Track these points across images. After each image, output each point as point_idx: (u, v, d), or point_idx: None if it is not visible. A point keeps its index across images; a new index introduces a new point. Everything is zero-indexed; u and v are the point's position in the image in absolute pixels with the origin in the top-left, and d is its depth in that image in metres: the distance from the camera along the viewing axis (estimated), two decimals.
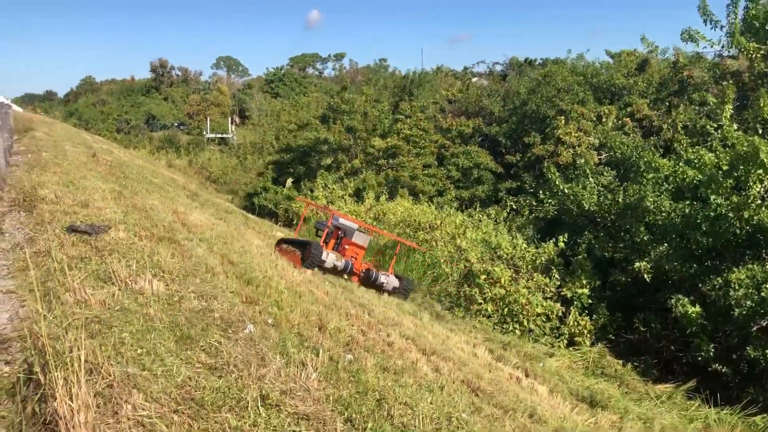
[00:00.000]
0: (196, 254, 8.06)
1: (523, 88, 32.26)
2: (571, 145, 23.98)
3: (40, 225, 7.85)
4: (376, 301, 10.11)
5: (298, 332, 6.35)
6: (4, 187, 10.16)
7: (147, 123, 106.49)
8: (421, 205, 20.03)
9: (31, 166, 12.79)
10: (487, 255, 15.06)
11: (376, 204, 18.45)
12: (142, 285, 6.13)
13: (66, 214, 8.32)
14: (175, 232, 9.01)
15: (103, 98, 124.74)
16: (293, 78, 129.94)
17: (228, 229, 11.65)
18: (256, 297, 6.96)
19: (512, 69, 48.38)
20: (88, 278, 5.98)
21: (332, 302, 8.47)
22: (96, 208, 9.11)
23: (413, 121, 26.57)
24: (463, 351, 9.55)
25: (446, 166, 26.66)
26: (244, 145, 50.35)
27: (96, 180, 12.17)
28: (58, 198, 9.13)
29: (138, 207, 10.08)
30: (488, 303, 13.30)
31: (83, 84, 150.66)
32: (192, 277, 6.90)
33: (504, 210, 21.27)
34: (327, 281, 10.29)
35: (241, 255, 9.24)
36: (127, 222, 8.53)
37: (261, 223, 17.68)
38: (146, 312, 5.46)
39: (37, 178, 10.87)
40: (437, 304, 13.21)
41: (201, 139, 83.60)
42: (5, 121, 16.63)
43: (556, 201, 18.24)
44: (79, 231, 7.70)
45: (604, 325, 15.84)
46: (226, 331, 5.62)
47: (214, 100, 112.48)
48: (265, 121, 58.52)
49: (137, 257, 7.00)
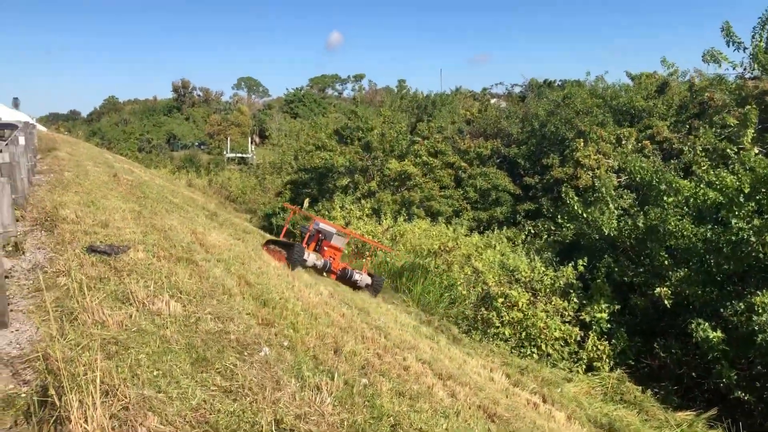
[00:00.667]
0: (213, 275, 8.10)
1: (542, 109, 32.23)
2: (591, 167, 23.83)
3: (60, 245, 7.94)
4: (392, 324, 10.06)
5: (314, 355, 6.34)
6: (26, 207, 10.31)
7: (168, 142, 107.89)
8: (438, 226, 20.00)
9: (54, 185, 12.97)
10: (505, 278, 14.94)
11: (394, 225, 18.46)
12: (160, 306, 6.16)
13: (86, 234, 8.42)
14: (193, 253, 9.07)
15: (125, 118, 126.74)
16: (312, 99, 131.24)
17: (246, 249, 11.69)
18: (272, 319, 6.96)
19: (531, 90, 48.42)
20: (107, 299, 6.03)
21: (348, 325, 8.44)
22: (116, 228, 9.21)
23: (430, 142, 26.58)
24: (480, 375, 9.45)
25: (464, 187, 26.60)
26: (263, 165, 50.73)
27: (116, 200, 12.31)
28: (79, 218, 9.24)
29: (157, 227, 10.16)
30: (506, 326, 13.16)
31: (106, 104, 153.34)
32: (209, 299, 6.92)
33: (522, 233, 21.14)
34: (344, 303, 10.26)
35: (258, 276, 9.26)
36: (146, 242, 8.61)
37: None
38: (163, 333, 5.48)
39: (59, 198, 11.01)
40: (454, 327, 13.11)
41: (221, 159, 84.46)
42: (30, 141, 16.94)
43: (574, 225, 18.09)
44: (98, 251, 7.78)
45: (623, 350, 15.58)
46: (241, 354, 5.62)
47: (235, 120, 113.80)
48: (284, 141, 59.01)
49: (155, 278, 7.04)
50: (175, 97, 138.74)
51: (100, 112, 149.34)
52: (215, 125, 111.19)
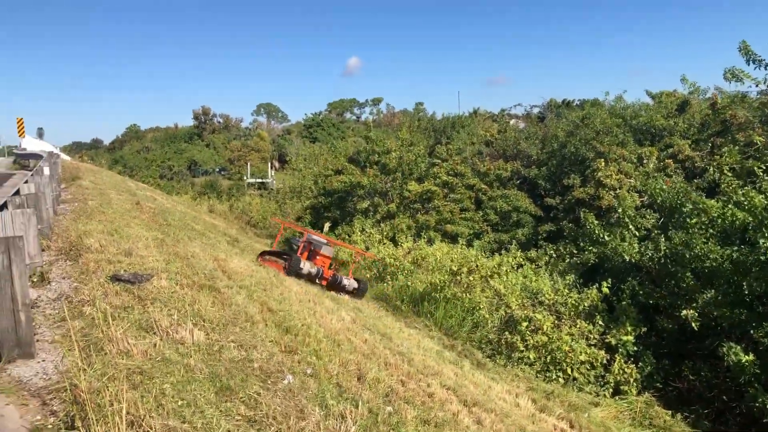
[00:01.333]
0: (235, 302, 8.11)
1: (561, 130, 32.15)
2: (612, 187, 23.63)
3: (85, 274, 8.01)
4: (415, 349, 9.96)
5: (337, 383, 6.29)
6: (51, 237, 10.44)
7: (189, 169, 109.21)
8: (458, 248, 19.89)
9: (78, 214, 13.13)
10: (528, 301, 14.77)
11: (415, 248, 18.41)
12: (183, 335, 6.17)
13: (110, 263, 8.48)
14: (215, 280, 9.09)
15: (147, 145, 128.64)
16: (331, 123, 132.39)
17: (267, 275, 11.70)
18: (295, 346, 6.93)
19: (550, 111, 48.34)
20: (131, 328, 6.05)
21: (371, 351, 8.38)
22: (139, 256, 9.28)
23: (450, 165, 26.56)
24: (506, 401, 9.30)
25: (484, 209, 26.48)
26: (283, 190, 51.06)
27: (139, 228, 12.43)
28: (103, 247, 9.32)
29: (180, 255, 10.22)
30: (530, 350, 12.97)
31: (128, 132, 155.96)
32: (232, 326, 6.92)
33: (545, 255, 20.94)
34: (366, 329, 10.20)
35: (280, 302, 9.25)
36: (169, 270, 8.65)
37: None
38: (187, 362, 5.47)
39: (83, 227, 11.14)
40: (478, 352, 12.95)
41: (241, 184, 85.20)
42: (54, 170, 17.25)
43: (596, 249, 17.88)
44: (122, 280, 7.84)
45: (650, 373, 15.26)
46: (265, 382, 5.60)
47: (255, 145, 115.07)
48: (302, 165, 59.44)
49: (178, 306, 7.07)
50: (195, 124, 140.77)
51: (122, 140, 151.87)
52: (235, 151, 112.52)
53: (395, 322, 12.97)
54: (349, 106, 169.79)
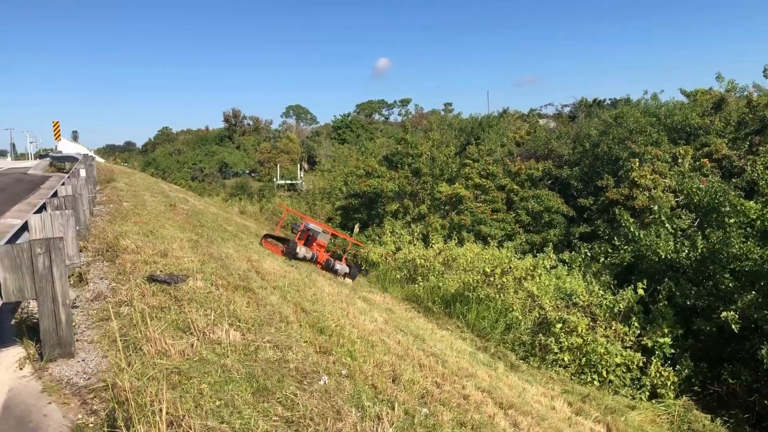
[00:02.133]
0: (270, 303, 8.14)
1: (593, 129, 31.67)
2: (647, 187, 23.15)
3: (122, 275, 8.11)
4: (448, 351, 9.89)
5: (372, 384, 6.25)
6: (88, 238, 10.60)
7: (220, 171, 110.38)
8: (490, 249, 19.70)
9: (113, 216, 13.33)
10: (562, 302, 14.56)
11: (446, 249, 18.28)
12: (220, 335, 6.20)
13: (146, 264, 8.58)
14: (249, 281, 9.14)
15: (179, 148, 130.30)
16: (360, 124, 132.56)
17: (300, 276, 11.74)
18: (329, 347, 6.91)
19: (580, 110, 47.67)
20: (168, 328, 6.10)
21: (404, 352, 8.33)
22: (174, 257, 9.37)
23: (481, 165, 26.30)
24: (541, 404, 9.17)
25: (516, 210, 26.14)
26: (313, 191, 51.25)
27: (174, 229, 12.56)
28: (139, 248, 9.43)
29: (214, 256, 10.30)
30: (565, 352, 12.76)
31: (160, 134, 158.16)
32: (267, 327, 6.94)
33: (578, 255, 20.61)
34: (398, 330, 10.15)
35: (314, 303, 9.26)
36: (204, 271, 8.72)
37: None
38: (224, 362, 5.49)
39: (119, 228, 11.30)
40: (511, 354, 12.80)
41: (271, 186, 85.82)
42: (90, 173, 17.54)
43: (631, 248, 17.53)
44: (158, 280, 7.92)
45: (688, 376, 14.92)
46: (301, 383, 5.58)
47: (284, 147, 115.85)
48: (332, 166, 59.62)
49: (214, 306, 7.11)
50: (226, 127, 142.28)
51: (154, 142, 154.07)
52: (265, 153, 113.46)
53: (427, 323, 12.90)
54: (378, 108, 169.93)
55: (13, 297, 5.49)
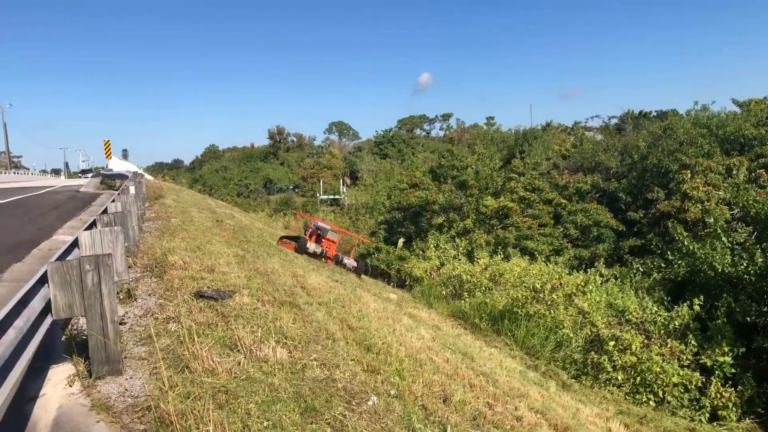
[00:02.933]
0: (316, 319, 8.03)
1: (642, 141, 30.86)
2: (699, 200, 22.33)
3: (169, 291, 8.11)
4: (498, 369, 9.60)
5: (422, 405, 6.05)
6: (137, 254, 10.70)
7: (265, 186, 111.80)
8: (537, 264, 19.26)
9: (162, 232, 13.47)
10: (614, 319, 14.05)
11: (492, 264, 17.92)
12: (267, 352, 6.10)
13: (194, 280, 8.58)
14: (295, 296, 9.06)
15: (225, 165, 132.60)
16: (401, 139, 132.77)
17: (345, 291, 11.62)
18: (377, 365, 6.74)
19: (626, 122, 46.61)
20: (215, 345, 6.03)
21: (454, 371, 8.09)
22: (221, 273, 9.36)
23: (527, 179, 25.78)
24: (597, 425, 8.80)
25: (563, 224, 25.47)
26: (356, 206, 51.31)
27: (221, 245, 12.62)
28: (186, 264, 9.46)
29: (260, 271, 10.27)
30: (618, 371, 12.27)
31: (207, 152, 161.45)
32: (314, 344, 6.81)
33: (630, 270, 19.93)
34: (446, 347, 9.92)
35: (359, 319, 9.12)
36: (250, 287, 8.67)
37: (374, 284, 17.64)
38: (271, 381, 5.38)
39: (167, 244, 11.38)
40: (562, 372, 12.38)
41: (314, 201, 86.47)
42: (139, 190, 17.84)
43: (686, 262, 16.84)
44: (206, 297, 7.89)
45: (751, 397, 14.15)
46: (349, 403, 5.43)
47: (327, 163, 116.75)
48: (374, 181, 59.69)
49: (260, 323, 7.03)
50: (270, 143, 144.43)
51: (201, 159, 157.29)
52: (308, 169, 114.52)
53: (475, 340, 12.61)
54: (419, 123, 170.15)
55: (63, 314, 5.48)
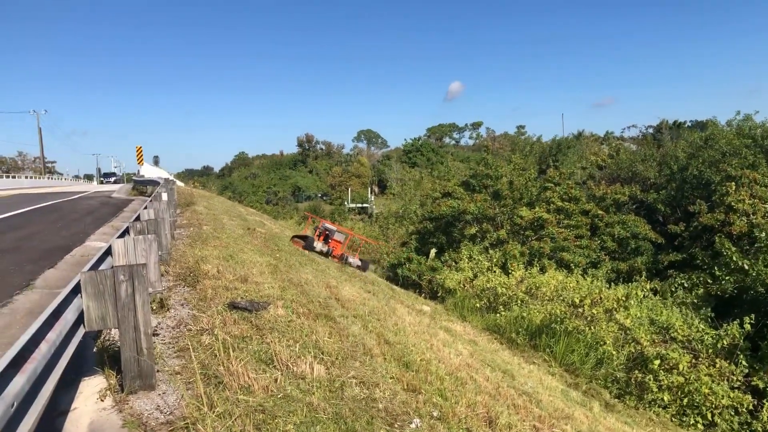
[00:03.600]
0: (352, 333, 7.75)
1: (681, 152, 30.02)
2: (745, 213, 21.53)
3: (203, 301, 7.91)
4: (540, 389, 9.19)
5: (467, 428, 5.72)
6: (169, 262, 10.54)
7: (293, 194, 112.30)
8: (573, 277, 18.73)
9: (194, 239, 13.34)
10: (658, 336, 13.48)
11: (527, 276, 17.43)
12: (304, 368, 5.83)
13: (227, 290, 8.37)
14: (330, 309, 8.80)
15: (254, 172, 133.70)
16: (430, 148, 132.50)
17: (379, 303, 11.32)
18: (417, 384, 6.43)
19: (661, 132, 45.62)
20: (251, 360, 5.78)
21: (496, 391, 7.73)
22: (254, 282, 9.14)
23: (563, 189, 25.10)
24: None
25: (600, 236, 24.73)
26: (386, 215, 50.99)
27: (253, 253, 12.43)
28: (220, 273, 9.26)
29: (294, 282, 10.03)
30: (664, 392, 11.72)
31: (237, 159, 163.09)
32: (351, 360, 6.53)
33: (671, 285, 19.21)
34: (485, 364, 9.55)
35: (396, 334, 8.82)
36: (284, 298, 8.43)
37: (406, 296, 17.31)
38: (309, 401, 5.11)
39: (200, 252, 11.22)
40: (605, 392, 11.87)
41: (342, 209, 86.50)
42: (171, 196, 17.81)
43: (734, 278, 16.14)
44: (239, 308, 7.67)
45: None
46: (392, 426, 5.12)
47: (355, 171, 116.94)
48: (401, 189, 59.36)
49: (296, 336, 6.78)
50: (299, 151, 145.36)
51: (230, 167, 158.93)
52: (337, 177, 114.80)
53: (512, 356, 12.20)
54: (448, 131, 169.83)
55: (96, 325, 5.29)
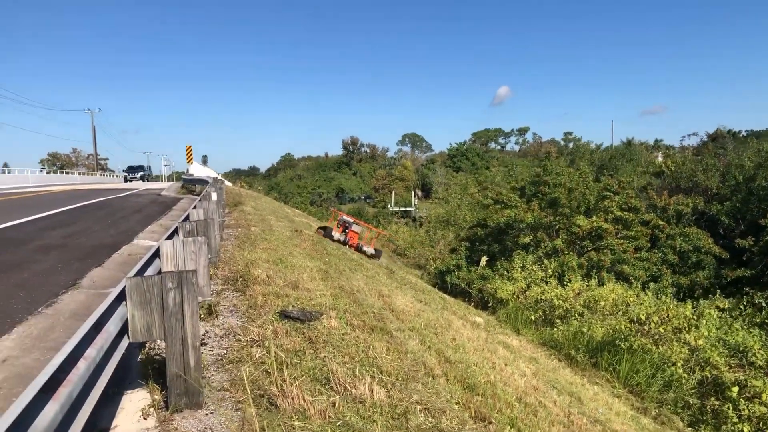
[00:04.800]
0: (410, 349, 7.17)
1: (748, 161, 28.48)
2: None
3: (253, 308, 7.45)
4: (613, 416, 8.45)
5: None
6: (218, 264, 10.15)
7: (337, 196, 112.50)
8: (633, 291, 17.71)
9: (242, 241, 12.96)
10: (734, 360, 12.47)
11: (586, 289, 16.51)
12: (362, 390, 5.28)
13: (278, 297, 7.88)
14: (385, 321, 8.23)
15: (299, 173, 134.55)
16: (476, 152, 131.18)
17: (433, 315, 10.70)
18: (486, 411, 5.82)
19: (727, 140, 43.71)
20: (305, 379, 5.26)
21: (567, 418, 7.04)
22: (305, 289, 8.65)
23: (622, 198, 23.86)
24: None
25: (660, 248, 23.41)
26: (431, 219, 50.23)
27: (302, 257, 11.97)
28: (270, 278, 8.80)
29: (345, 289, 9.50)
30: (744, 423, 10.76)
31: (283, 160, 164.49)
32: (413, 382, 5.95)
33: (741, 303, 17.97)
34: (550, 386, 8.84)
35: (456, 350, 8.20)
36: (337, 308, 7.91)
37: (457, 305, 16.60)
38: (372, 429, 4.54)
39: (249, 255, 10.81)
40: (676, 418, 10.97)
41: (386, 212, 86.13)
42: (220, 196, 17.53)
43: None
44: (291, 317, 7.17)
45: None
46: None
47: (399, 174, 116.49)
48: (447, 194, 58.47)
49: (352, 352, 6.24)
50: (344, 154, 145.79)
51: (276, 168, 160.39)
52: (380, 180, 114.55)
53: (574, 375, 11.42)
54: (494, 136, 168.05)
55: (140, 337, 4.83)
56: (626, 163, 38.07)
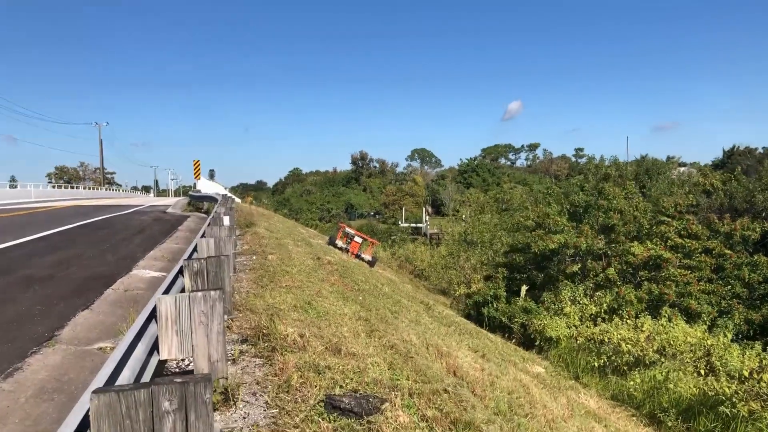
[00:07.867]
0: None
1: None
2: None
3: (285, 392, 5.23)
4: None
5: None
6: (232, 312, 7.95)
7: (346, 211, 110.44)
8: (697, 328, 15.42)
9: (260, 275, 10.79)
10: None
11: (660, 330, 14.11)
12: None
13: (317, 372, 5.66)
14: (464, 402, 5.98)
15: (308, 188, 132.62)
16: (486, 168, 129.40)
17: (506, 380, 8.43)
18: None
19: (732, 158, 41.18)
20: None
21: None
22: (351, 354, 6.42)
23: (681, 224, 21.25)
24: None
25: (726, 279, 20.83)
26: (449, 238, 47.74)
27: (334, 297, 9.77)
28: (303, 339, 6.58)
29: (400, 350, 7.26)
30: None
31: (291, 175, 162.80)
32: None
33: None
34: None
35: None
36: (400, 387, 5.68)
37: (505, 347, 14.27)
38: None
39: (270, 297, 8.62)
40: None
41: (396, 228, 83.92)
42: (232, 218, 15.31)
43: None
44: (341, 409, 4.97)
45: None
46: None
47: (409, 190, 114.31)
48: (464, 211, 56.13)
49: None
50: (353, 169, 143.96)
51: (284, 182, 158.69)
52: (390, 195, 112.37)
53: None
54: (504, 152, 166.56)
55: None
56: (659, 180, 35.65)
